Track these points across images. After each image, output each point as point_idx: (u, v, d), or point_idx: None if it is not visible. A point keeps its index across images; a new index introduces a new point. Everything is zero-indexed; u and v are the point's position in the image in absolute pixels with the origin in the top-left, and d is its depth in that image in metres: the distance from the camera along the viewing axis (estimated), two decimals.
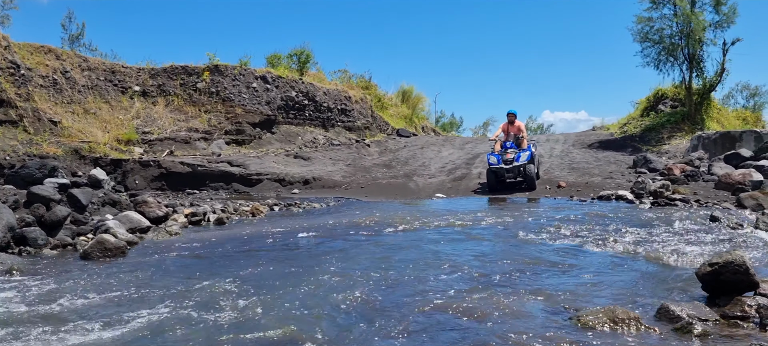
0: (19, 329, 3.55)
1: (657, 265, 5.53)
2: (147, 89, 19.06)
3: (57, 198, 7.78)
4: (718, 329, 3.57)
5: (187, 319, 3.78)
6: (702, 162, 14.93)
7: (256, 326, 3.63)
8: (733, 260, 4.03)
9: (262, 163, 16.56)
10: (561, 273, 5.20)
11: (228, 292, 4.52)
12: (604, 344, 3.31)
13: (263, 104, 20.15)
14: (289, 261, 5.85)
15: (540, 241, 7.04)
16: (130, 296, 4.40)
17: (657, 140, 18.85)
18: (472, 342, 3.37)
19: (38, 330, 3.53)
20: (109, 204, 9.21)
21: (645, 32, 19.89)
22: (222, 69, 19.94)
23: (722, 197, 11.43)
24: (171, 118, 18.34)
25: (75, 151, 14.17)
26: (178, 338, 3.42)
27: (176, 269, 5.52)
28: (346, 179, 16.27)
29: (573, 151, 18.40)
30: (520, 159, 13.23)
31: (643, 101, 22.43)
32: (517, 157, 13.18)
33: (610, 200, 11.93)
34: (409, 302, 4.21)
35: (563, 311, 3.99)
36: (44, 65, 16.35)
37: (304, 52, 23.15)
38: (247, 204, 11.29)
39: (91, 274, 5.31)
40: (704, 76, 20.03)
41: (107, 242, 6.61)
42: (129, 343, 3.34)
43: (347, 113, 23.18)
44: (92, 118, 16.58)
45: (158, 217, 8.88)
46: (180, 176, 15.01)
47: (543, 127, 44.66)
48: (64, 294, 4.45)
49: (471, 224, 8.44)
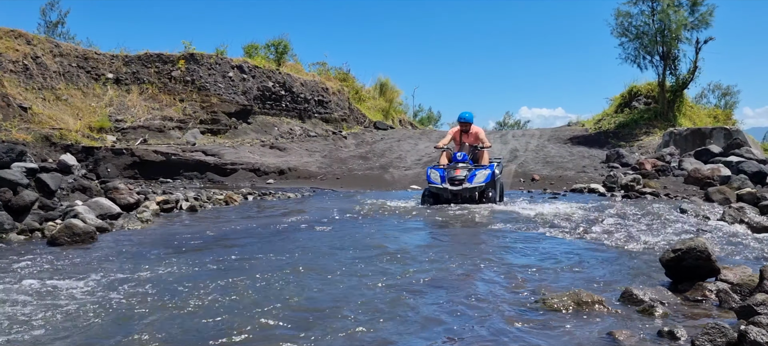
0: None
1: (623, 252, 5.63)
2: (120, 77, 18.79)
3: (25, 183, 7.64)
4: (679, 310, 3.65)
5: (152, 304, 3.75)
6: (673, 158, 15.18)
7: (214, 312, 3.62)
8: (695, 247, 4.11)
9: (238, 153, 16.45)
10: (528, 259, 5.26)
11: (194, 277, 4.49)
12: (568, 326, 3.36)
13: (239, 94, 19.99)
14: (258, 248, 5.83)
15: (508, 229, 7.11)
16: (97, 279, 4.35)
17: (630, 136, 19.12)
18: (435, 325, 3.40)
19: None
20: (80, 190, 9.07)
21: (624, 27, 20.17)
22: (198, 57, 19.73)
23: (691, 191, 11.65)
24: (145, 107, 18.11)
25: (45, 138, 13.92)
26: (139, 322, 3.39)
27: (144, 255, 5.47)
28: (322, 170, 16.24)
29: (548, 145, 18.59)
30: (473, 180, 9.44)
31: (618, 98, 22.73)
32: (469, 178, 9.46)
33: (582, 193, 12.09)
34: (372, 286, 4.22)
35: (529, 294, 4.03)
36: (14, 50, 16.03)
37: (282, 42, 23.03)
38: (220, 193, 11.21)
39: (58, 258, 5.24)
40: (678, 74, 20.37)
41: (76, 227, 6.51)
42: (92, 326, 3.31)
43: (324, 105, 23.11)
44: (64, 105, 16.30)
45: (129, 204, 8.77)
46: (153, 165, 14.84)
47: (520, 123, 44.94)
48: (27, 277, 4.38)
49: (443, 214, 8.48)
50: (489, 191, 9.61)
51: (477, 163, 9.98)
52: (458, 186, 9.37)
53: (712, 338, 2.88)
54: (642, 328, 3.27)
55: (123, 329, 3.21)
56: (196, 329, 3.22)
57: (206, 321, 3.36)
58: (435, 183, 9.54)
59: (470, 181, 9.40)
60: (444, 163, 10.04)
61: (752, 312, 3.19)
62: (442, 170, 9.66)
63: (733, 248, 5.83)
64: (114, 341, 3.03)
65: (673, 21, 18.96)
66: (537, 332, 3.25)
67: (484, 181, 9.44)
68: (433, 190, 9.65)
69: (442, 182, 9.44)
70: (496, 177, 9.83)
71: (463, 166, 9.65)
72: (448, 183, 9.40)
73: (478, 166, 9.73)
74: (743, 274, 4.06)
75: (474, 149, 10.24)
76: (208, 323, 3.33)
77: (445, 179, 9.47)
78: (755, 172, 12.14)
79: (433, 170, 9.78)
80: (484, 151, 10.14)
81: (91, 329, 3.22)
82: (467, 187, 9.36)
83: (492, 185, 9.76)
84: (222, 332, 3.16)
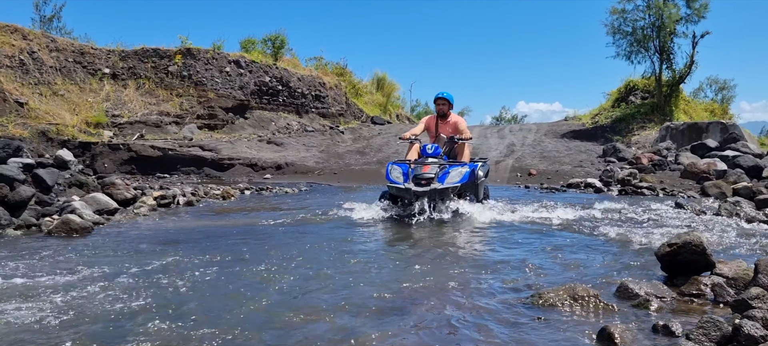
0: None
1: (619, 247, 5.65)
2: (117, 72, 18.74)
3: (21, 178, 7.63)
4: (674, 305, 3.67)
5: (146, 297, 3.76)
6: (669, 152, 15.22)
7: (201, 305, 3.63)
8: (690, 241, 4.13)
9: (235, 148, 16.44)
10: (522, 253, 5.27)
11: (186, 271, 4.50)
12: (562, 320, 3.37)
13: (236, 89, 19.96)
14: (254, 243, 5.84)
15: (502, 223, 7.12)
16: (92, 274, 4.35)
17: (627, 131, 19.15)
18: (429, 319, 3.41)
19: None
20: (76, 186, 9.06)
21: (617, 24, 20.17)
22: (194, 53, 19.69)
23: (688, 185, 11.69)
24: (142, 102, 18.07)
25: (42, 134, 13.89)
26: (134, 313, 3.40)
27: (141, 249, 5.47)
28: (320, 165, 16.24)
29: (545, 140, 18.61)
30: (446, 179, 7.46)
31: (615, 93, 22.76)
32: (441, 176, 7.46)
33: (579, 188, 12.12)
34: (367, 279, 4.24)
35: (523, 289, 4.05)
36: (10, 45, 15.97)
37: (279, 37, 22.99)
38: (217, 188, 11.21)
39: (54, 253, 5.23)
40: (674, 68, 20.40)
41: (73, 222, 6.52)
42: (87, 319, 3.32)
43: (321, 100, 23.09)
44: (60, 100, 16.26)
45: (126, 199, 8.77)
46: (150, 160, 14.83)
47: (517, 117, 44.97)
48: (24, 272, 4.39)
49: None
50: (467, 195, 7.79)
51: (454, 160, 8.13)
52: (425, 186, 7.31)
53: (707, 332, 2.90)
54: (637, 322, 3.28)
55: (111, 322, 3.22)
56: (182, 322, 3.23)
57: (195, 316, 3.37)
58: (395, 182, 7.52)
59: (441, 180, 7.40)
60: (413, 156, 8.17)
61: (747, 306, 3.21)
62: (405, 166, 7.69)
63: (729, 242, 5.85)
64: (100, 329, 3.04)
65: (667, 15, 18.98)
66: (531, 327, 3.27)
67: (460, 181, 7.48)
68: (392, 191, 7.73)
69: (405, 181, 7.43)
70: (478, 179, 8.03)
71: (434, 161, 7.69)
72: (413, 182, 7.38)
73: (453, 163, 7.82)
74: (738, 268, 4.07)
75: (451, 143, 8.48)
76: (196, 316, 3.34)
77: (409, 177, 7.47)
78: (751, 166, 12.19)
79: (393, 166, 7.80)
80: (464, 145, 8.28)
81: (80, 321, 3.23)
82: (436, 188, 7.31)
83: (471, 187, 7.90)
84: (206, 324, 3.17)
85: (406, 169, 7.60)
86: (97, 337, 3.02)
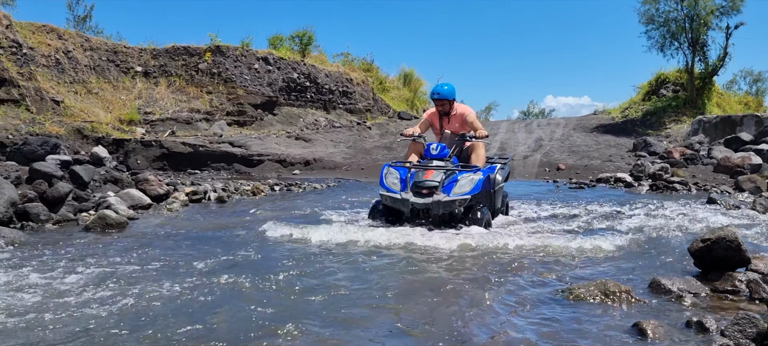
0: (21, 296, 3.62)
1: (651, 243, 5.59)
2: (149, 70, 19.08)
3: (59, 175, 7.84)
4: (708, 301, 3.64)
5: (180, 290, 3.85)
6: (702, 146, 14.96)
7: (237, 300, 3.70)
8: (725, 236, 4.08)
9: (264, 144, 16.62)
10: (554, 249, 5.26)
11: (223, 266, 4.59)
12: (594, 315, 3.37)
13: (265, 86, 20.16)
14: (282, 236, 5.92)
15: (533, 218, 7.10)
16: (128, 268, 4.47)
17: (658, 124, 18.86)
18: (463, 315, 3.44)
19: (37, 299, 3.60)
20: (111, 182, 9.27)
21: (651, 14, 19.86)
22: (224, 50, 19.93)
23: (721, 180, 11.49)
24: (173, 99, 18.37)
25: (77, 131, 14.22)
26: (170, 305, 3.49)
27: (174, 243, 5.59)
28: (347, 161, 16.33)
29: (573, 135, 18.43)
30: (453, 189, 6.05)
31: (645, 86, 22.42)
32: (447, 185, 6.07)
33: (608, 183, 11.99)
34: (391, 276, 4.27)
35: (555, 284, 4.05)
36: (46, 45, 16.36)
37: (307, 33, 23.13)
38: (247, 184, 11.36)
39: (91, 247, 5.38)
40: (707, 60, 20.01)
41: (108, 217, 6.68)
42: (121, 311, 3.41)
43: (349, 95, 23.19)
44: (94, 98, 16.62)
45: (159, 195, 8.94)
46: (181, 156, 15.07)
47: (545, 112, 44.58)
48: (63, 265, 4.52)
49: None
50: (478, 208, 6.20)
51: (465, 164, 6.60)
52: (427, 198, 5.96)
53: (743, 329, 2.87)
54: (670, 318, 3.27)
55: (150, 308, 3.31)
56: (213, 315, 3.31)
57: (228, 308, 3.44)
58: (391, 191, 6.21)
59: (447, 190, 6.00)
60: (414, 158, 6.85)
61: None
62: (403, 170, 6.32)
63: (764, 237, 5.75)
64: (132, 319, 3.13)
65: (702, 6, 18.62)
66: (563, 322, 3.27)
67: (471, 191, 6.03)
68: (385, 201, 6.35)
69: (403, 189, 6.12)
70: (495, 185, 6.67)
71: (440, 165, 6.29)
72: (412, 192, 6.05)
73: (464, 168, 6.35)
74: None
75: (461, 140, 6.84)
76: (225, 308, 3.42)
77: (408, 184, 6.13)
78: None
79: (390, 169, 6.43)
80: (477, 143, 6.77)
81: (116, 313, 3.33)
82: (441, 200, 5.92)
83: (485, 197, 6.45)
84: (234, 318, 3.24)
85: (405, 173, 6.25)
86: (130, 324, 3.11)
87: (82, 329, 3.09)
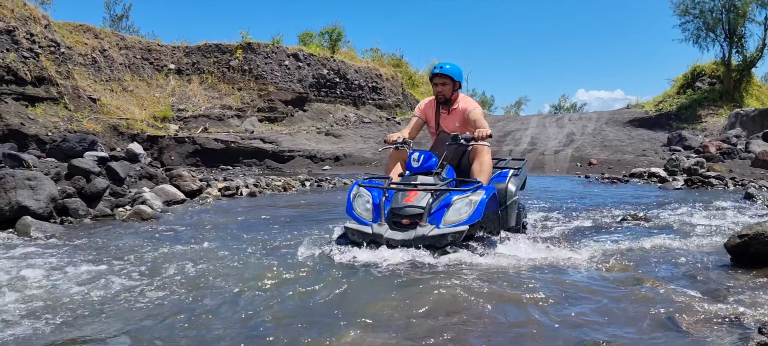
0: (63, 286, 3.74)
1: (686, 238, 5.51)
2: (182, 67, 19.42)
3: (96, 171, 8.04)
4: (745, 297, 3.57)
5: (218, 280, 3.92)
6: (739, 140, 14.63)
7: (257, 285, 3.75)
8: (763, 232, 4.01)
9: (294, 141, 16.77)
10: (585, 244, 5.21)
11: (256, 255, 4.66)
12: (629, 310, 3.34)
13: (295, 82, 20.33)
14: (315, 229, 5.98)
15: (565, 214, 7.03)
16: (163, 260, 4.57)
17: (693, 118, 18.50)
18: (484, 310, 3.44)
19: (80, 289, 3.71)
20: (146, 178, 9.47)
21: (686, 6, 19.48)
22: (254, 47, 20.16)
23: (759, 174, 11.22)
24: (205, 96, 18.66)
25: (113, 128, 14.55)
26: (213, 300, 3.56)
27: (210, 235, 5.70)
28: (377, 156, 16.38)
29: (606, 129, 18.19)
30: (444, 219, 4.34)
31: (680, 79, 21.99)
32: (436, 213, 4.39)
33: (642, 178, 11.82)
34: (420, 268, 4.28)
35: (588, 276, 4.02)
36: (83, 44, 16.77)
37: (336, 29, 23.26)
38: (278, 179, 11.49)
39: (129, 240, 5.52)
40: (745, 52, 19.55)
41: (144, 212, 6.85)
42: (163, 298, 3.50)
43: (378, 91, 23.24)
44: (129, 96, 16.97)
45: (193, 190, 9.11)
46: (214, 152, 15.31)
47: (576, 106, 44.06)
48: (102, 258, 4.65)
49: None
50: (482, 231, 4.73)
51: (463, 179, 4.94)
52: (408, 230, 4.34)
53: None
54: (705, 313, 3.22)
55: (191, 296, 3.39)
56: (238, 306, 3.37)
57: (258, 294, 3.50)
58: (361, 222, 4.53)
59: (437, 219, 4.39)
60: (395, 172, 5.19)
61: None
62: (377, 193, 4.67)
63: None
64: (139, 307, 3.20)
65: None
66: (596, 316, 3.25)
67: (469, 220, 4.34)
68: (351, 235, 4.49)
69: (376, 219, 4.48)
70: (508, 198, 5.20)
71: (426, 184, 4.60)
72: (387, 222, 4.44)
73: (461, 186, 4.72)
74: None
75: (458, 144, 4.98)
76: (253, 301, 3.47)
77: (382, 211, 4.50)
78: None
79: (360, 190, 4.76)
80: (480, 148, 5.02)
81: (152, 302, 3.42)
82: (425, 234, 4.27)
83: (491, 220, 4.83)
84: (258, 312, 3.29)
85: (380, 197, 4.61)
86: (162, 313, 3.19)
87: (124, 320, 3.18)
